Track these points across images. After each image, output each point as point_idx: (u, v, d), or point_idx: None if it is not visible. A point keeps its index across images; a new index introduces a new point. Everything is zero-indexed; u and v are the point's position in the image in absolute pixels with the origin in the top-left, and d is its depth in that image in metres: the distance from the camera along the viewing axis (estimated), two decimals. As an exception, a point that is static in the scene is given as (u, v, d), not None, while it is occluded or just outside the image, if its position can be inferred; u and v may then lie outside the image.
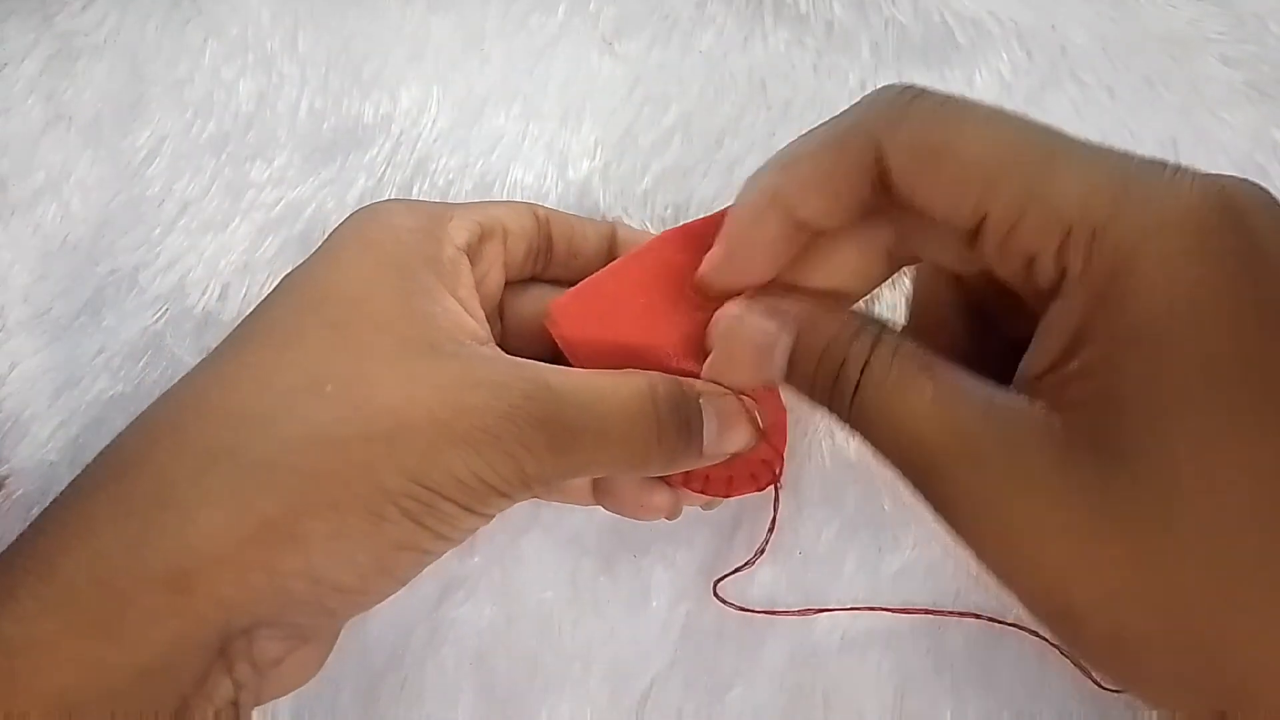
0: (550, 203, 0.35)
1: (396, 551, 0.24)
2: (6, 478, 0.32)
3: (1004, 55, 0.36)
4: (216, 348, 0.25)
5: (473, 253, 0.27)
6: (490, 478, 0.23)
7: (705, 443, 0.26)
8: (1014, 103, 0.35)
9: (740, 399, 0.27)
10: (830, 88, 0.36)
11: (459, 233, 0.27)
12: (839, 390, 0.23)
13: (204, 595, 0.22)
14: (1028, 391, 0.21)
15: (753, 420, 0.27)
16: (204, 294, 0.34)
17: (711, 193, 0.34)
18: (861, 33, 0.36)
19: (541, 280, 0.30)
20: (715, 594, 0.31)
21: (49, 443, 0.33)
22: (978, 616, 0.31)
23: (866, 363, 0.22)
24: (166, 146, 0.35)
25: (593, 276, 0.28)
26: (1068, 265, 0.20)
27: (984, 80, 0.36)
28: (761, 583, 0.32)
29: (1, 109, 0.35)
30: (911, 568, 0.32)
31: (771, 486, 0.29)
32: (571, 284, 0.28)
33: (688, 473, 0.28)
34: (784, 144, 0.35)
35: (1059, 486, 0.20)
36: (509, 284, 0.29)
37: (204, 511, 0.22)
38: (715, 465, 0.28)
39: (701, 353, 0.27)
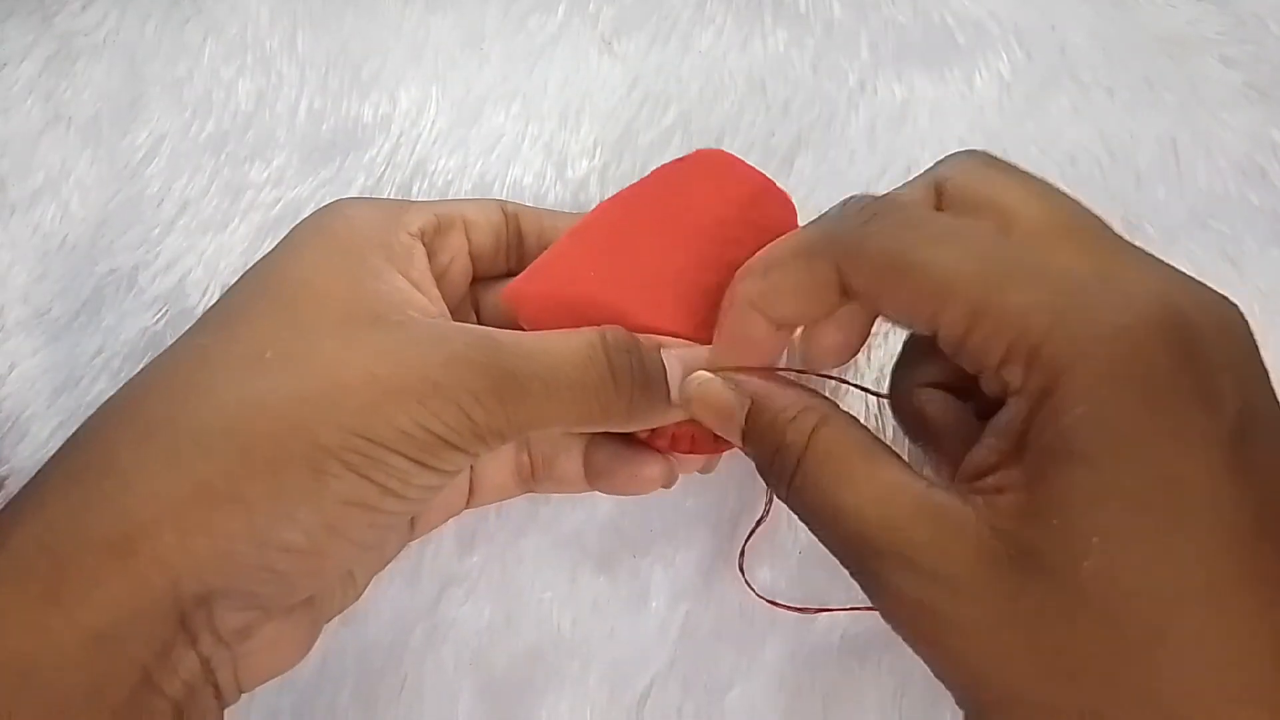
0: (549, 202, 0.35)
1: (344, 508, 0.24)
2: (6, 478, 0.32)
3: (1003, 55, 0.36)
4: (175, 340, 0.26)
5: (430, 241, 0.28)
6: (436, 428, 0.23)
7: (675, 393, 0.27)
8: (1014, 103, 0.35)
9: (706, 347, 0.27)
10: (829, 87, 0.36)
11: (413, 221, 0.27)
12: (777, 470, 0.24)
13: (146, 559, 0.22)
14: (968, 490, 0.22)
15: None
16: (204, 294, 0.34)
17: (711, 193, 0.34)
18: (861, 33, 0.36)
19: (516, 275, 0.30)
20: (740, 570, 0.31)
21: (49, 443, 0.33)
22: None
23: (805, 447, 0.23)
24: (165, 146, 0.35)
25: (543, 255, 0.28)
26: (1009, 380, 0.21)
27: (983, 80, 0.36)
28: (761, 583, 0.32)
29: (1, 109, 0.35)
30: (911, 567, 0.32)
31: None
32: None
33: (673, 436, 0.28)
34: (783, 143, 0.35)
35: (978, 588, 0.21)
36: (483, 279, 0.30)
37: (142, 477, 0.22)
38: (696, 422, 0.27)
39: (659, 308, 0.27)
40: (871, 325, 0.27)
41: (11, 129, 0.35)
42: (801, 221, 0.28)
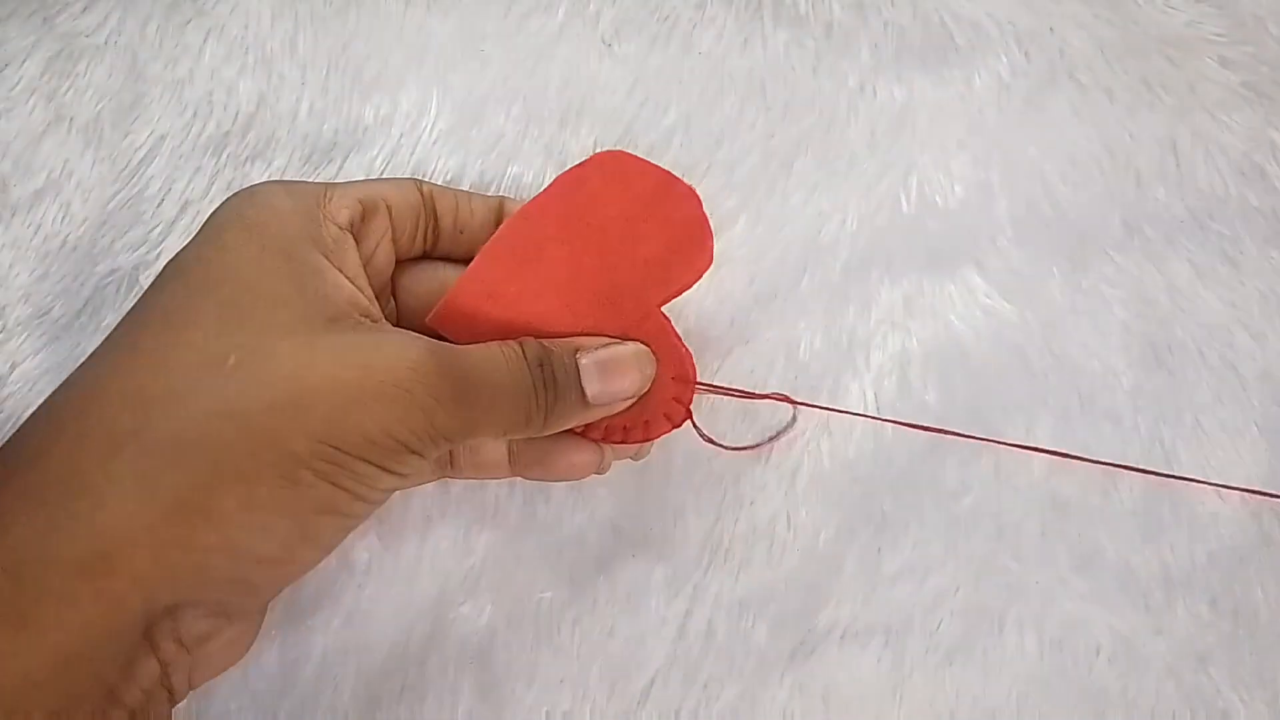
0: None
1: (317, 516, 0.24)
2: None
3: (1003, 57, 0.36)
4: (108, 336, 0.25)
5: (357, 230, 0.28)
6: (401, 433, 0.24)
7: (592, 393, 0.27)
8: (1013, 104, 0.36)
9: (624, 344, 0.28)
10: (829, 89, 0.36)
11: (340, 211, 0.27)
12: None
13: (122, 577, 0.22)
14: None
15: (640, 362, 0.28)
16: (204, 294, 0.34)
17: (711, 193, 0.35)
18: (861, 34, 0.36)
19: (432, 257, 0.30)
20: (693, 425, 0.30)
21: (49, 443, 0.33)
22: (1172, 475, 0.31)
23: None
24: (166, 146, 0.35)
25: (463, 275, 0.28)
26: None
27: (983, 82, 0.36)
28: (760, 581, 0.32)
29: (3, 110, 0.35)
30: (911, 567, 0.32)
31: (688, 422, 0.30)
32: (461, 260, 0.29)
33: (606, 427, 0.29)
34: (783, 145, 0.35)
35: None
36: (400, 262, 0.30)
37: (114, 495, 0.22)
38: (628, 413, 0.29)
39: (575, 315, 0.28)
40: None
41: (13, 130, 0.35)
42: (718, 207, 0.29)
